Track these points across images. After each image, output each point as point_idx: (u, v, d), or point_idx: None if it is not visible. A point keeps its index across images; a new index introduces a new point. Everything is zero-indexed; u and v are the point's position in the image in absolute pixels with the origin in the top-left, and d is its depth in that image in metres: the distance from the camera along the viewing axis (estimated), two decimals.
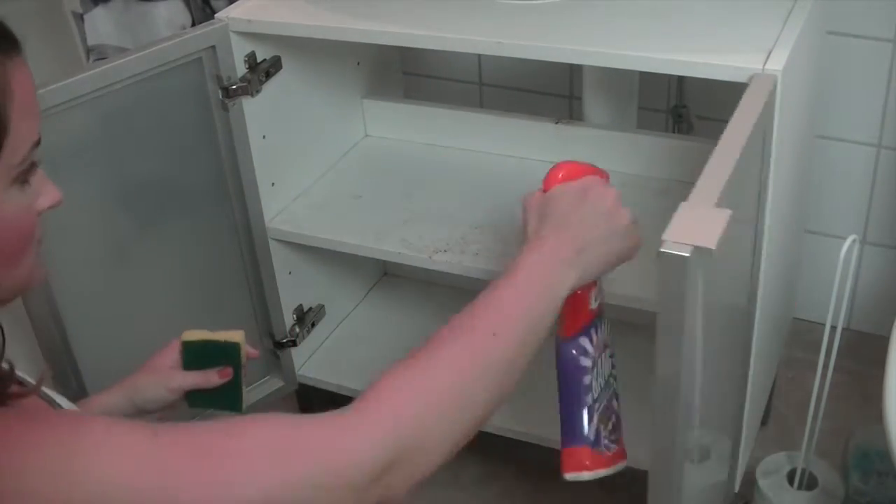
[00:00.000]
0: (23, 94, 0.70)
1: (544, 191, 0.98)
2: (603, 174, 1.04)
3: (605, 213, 0.92)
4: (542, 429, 1.43)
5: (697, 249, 0.82)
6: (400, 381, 0.76)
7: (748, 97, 1.03)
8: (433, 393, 0.75)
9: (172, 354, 1.07)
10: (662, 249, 0.82)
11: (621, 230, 0.93)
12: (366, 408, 0.74)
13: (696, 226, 0.84)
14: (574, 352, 1.02)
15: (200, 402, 1.08)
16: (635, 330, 1.54)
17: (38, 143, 0.73)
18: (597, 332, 1.05)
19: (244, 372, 1.08)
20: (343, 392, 1.58)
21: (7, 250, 0.72)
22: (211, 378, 1.05)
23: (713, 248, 0.82)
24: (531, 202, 0.95)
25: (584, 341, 1.03)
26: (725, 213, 0.85)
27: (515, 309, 0.82)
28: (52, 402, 0.81)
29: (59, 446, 0.65)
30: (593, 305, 1.03)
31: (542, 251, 0.88)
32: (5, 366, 0.71)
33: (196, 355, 1.06)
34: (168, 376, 1.05)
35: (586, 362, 1.03)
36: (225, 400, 1.08)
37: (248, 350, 1.08)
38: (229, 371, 1.06)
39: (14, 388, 0.70)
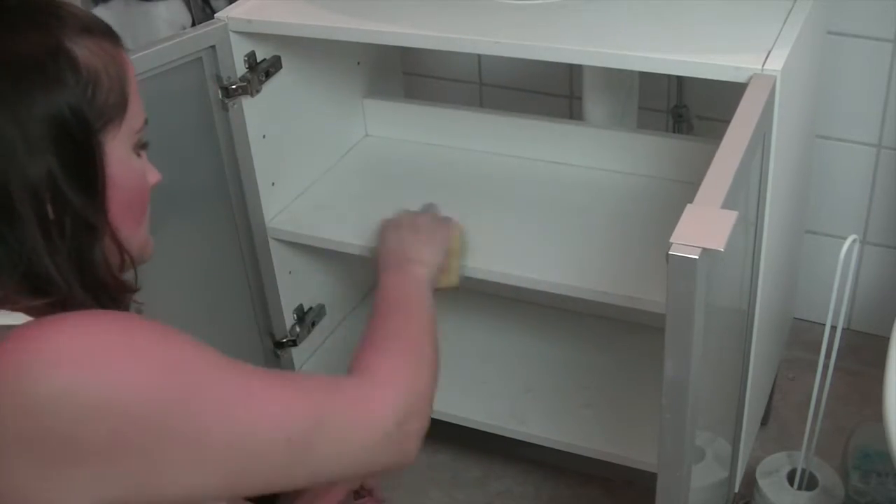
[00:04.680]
0: (133, 78, 0.84)
1: None
2: None
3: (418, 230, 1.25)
4: (542, 429, 1.43)
5: (706, 251, 0.82)
6: (386, 354, 0.95)
7: (748, 97, 1.03)
8: (413, 358, 0.96)
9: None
10: (671, 252, 0.82)
11: (428, 233, 1.24)
12: (374, 376, 0.91)
13: (703, 227, 0.84)
14: None
15: None
16: (639, 330, 1.54)
17: (146, 122, 0.85)
18: None
19: None
20: None
21: (135, 207, 0.87)
22: None
23: (721, 249, 0.82)
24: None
25: None
26: (732, 215, 0.85)
27: (412, 297, 1.10)
28: None
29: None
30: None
31: (400, 268, 1.16)
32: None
33: None
34: None
35: None
36: None
37: None
38: None
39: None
